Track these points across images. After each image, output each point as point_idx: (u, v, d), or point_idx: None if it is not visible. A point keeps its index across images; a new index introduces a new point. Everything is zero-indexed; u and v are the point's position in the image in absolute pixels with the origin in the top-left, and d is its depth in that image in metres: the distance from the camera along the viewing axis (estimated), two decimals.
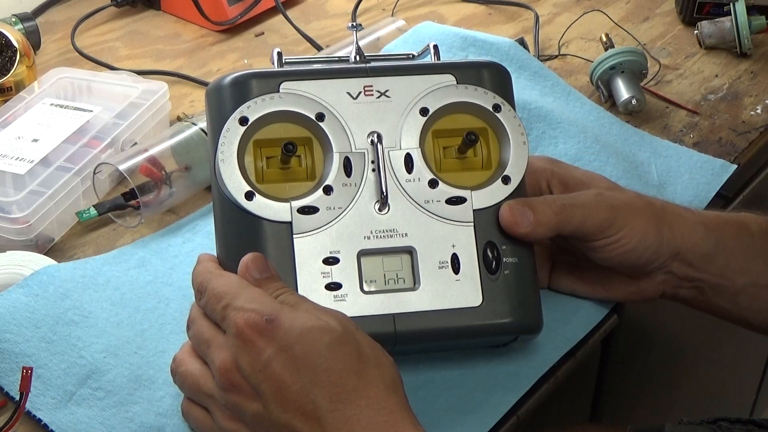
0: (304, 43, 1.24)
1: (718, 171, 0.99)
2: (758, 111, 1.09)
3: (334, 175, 0.73)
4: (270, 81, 0.74)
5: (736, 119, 1.08)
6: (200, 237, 0.90)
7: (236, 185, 0.71)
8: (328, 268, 0.71)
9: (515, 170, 0.75)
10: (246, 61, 1.22)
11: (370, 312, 0.71)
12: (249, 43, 1.27)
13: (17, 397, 0.71)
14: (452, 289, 0.73)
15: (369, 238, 0.72)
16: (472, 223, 0.74)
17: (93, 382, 0.75)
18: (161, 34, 1.29)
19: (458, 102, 0.76)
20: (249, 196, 0.71)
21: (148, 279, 0.85)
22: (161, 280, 0.85)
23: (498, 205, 0.74)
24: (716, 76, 1.16)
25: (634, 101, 1.06)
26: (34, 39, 1.20)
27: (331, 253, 0.71)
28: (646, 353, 1.15)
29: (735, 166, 1.00)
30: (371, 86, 0.75)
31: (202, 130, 0.95)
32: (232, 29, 1.28)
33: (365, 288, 0.72)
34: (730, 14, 1.18)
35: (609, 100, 1.10)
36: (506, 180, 0.75)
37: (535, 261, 0.76)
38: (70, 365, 0.76)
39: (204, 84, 1.16)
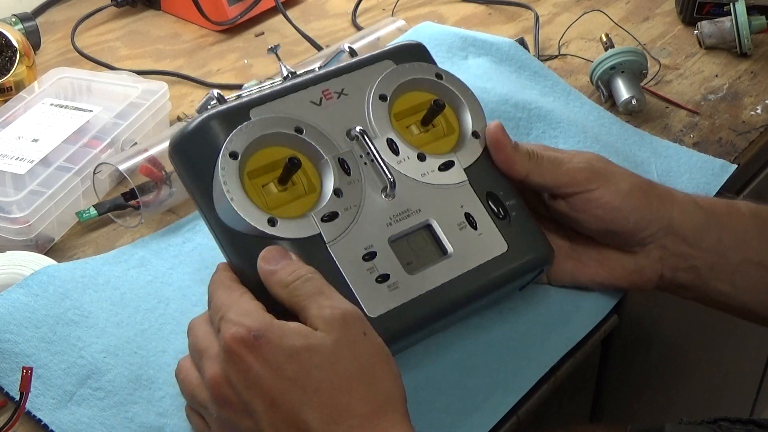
0: (304, 43, 1.24)
1: (718, 171, 0.99)
2: (758, 111, 1.09)
3: (336, 178, 0.73)
4: (237, 113, 0.72)
5: (736, 119, 1.08)
6: (200, 237, 0.90)
7: (255, 216, 0.70)
8: (370, 263, 0.72)
9: (479, 123, 0.80)
10: (246, 61, 1.22)
11: (423, 290, 0.72)
12: (249, 43, 1.27)
13: (17, 397, 0.71)
14: (478, 244, 0.75)
15: (391, 224, 0.74)
16: (467, 181, 0.78)
17: (93, 382, 0.75)
18: (161, 34, 1.29)
19: (408, 80, 0.79)
20: (272, 222, 0.70)
21: (148, 279, 0.85)
22: (161, 280, 0.85)
23: (480, 158, 0.79)
24: (716, 76, 1.16)
25: (634, 101, 1.06)
26: (34, 39, 1.20)
27: (366, 249, 0.72)
28: (646, 353, 1.15)
29: (735, 166, 1.00)
30: (328, 89, 0.76)
31: None
32: (232, 29, 1.29)
33: (409, 271, 0.73)
34: (730, 14, 1.18)
35: (609, 100, 1.10)
36: (476, 135, 0.80)
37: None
38: (70, 365, 0.76)
39: (204, 84, 1.16)
